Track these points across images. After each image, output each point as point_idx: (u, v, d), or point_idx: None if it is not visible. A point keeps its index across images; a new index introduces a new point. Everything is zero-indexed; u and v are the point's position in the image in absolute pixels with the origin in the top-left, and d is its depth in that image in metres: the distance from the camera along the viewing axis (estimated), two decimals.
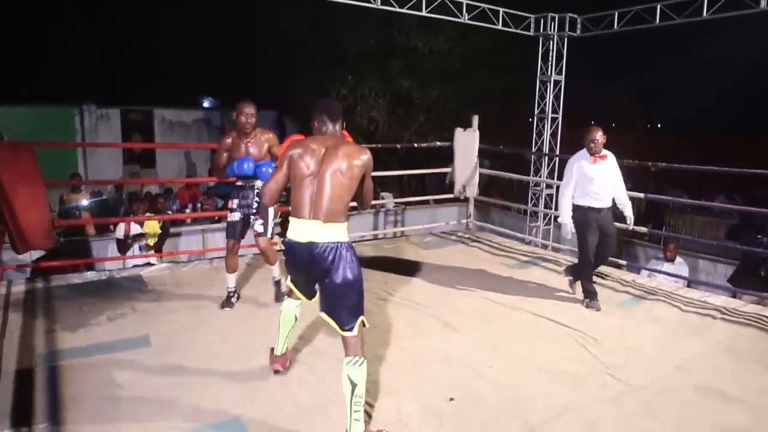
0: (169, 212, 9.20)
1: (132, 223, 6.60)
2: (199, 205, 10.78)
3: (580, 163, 4.41)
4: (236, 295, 4.26)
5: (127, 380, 3.04)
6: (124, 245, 6.53)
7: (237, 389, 2.98)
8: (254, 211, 4.05)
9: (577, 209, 4.46)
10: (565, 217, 4.52)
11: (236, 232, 4.08)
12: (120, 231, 6.61)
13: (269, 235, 4.08)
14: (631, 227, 4.65)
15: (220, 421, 2.70)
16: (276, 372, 3.13)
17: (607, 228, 4.43)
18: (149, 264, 5.93)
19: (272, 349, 3.17)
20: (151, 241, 6.70)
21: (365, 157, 2.68)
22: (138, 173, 14.44)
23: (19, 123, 12.65)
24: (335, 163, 2.60)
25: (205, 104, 18.74)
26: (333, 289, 2.60)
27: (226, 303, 4.17)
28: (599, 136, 4.34)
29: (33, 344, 3.46)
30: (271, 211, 4.01)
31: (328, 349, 3.51)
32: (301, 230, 2.61)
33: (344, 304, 2.61)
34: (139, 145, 15.62)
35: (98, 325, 3.80)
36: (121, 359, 3.29)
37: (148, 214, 6.96)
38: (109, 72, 15.93)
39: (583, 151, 4.42)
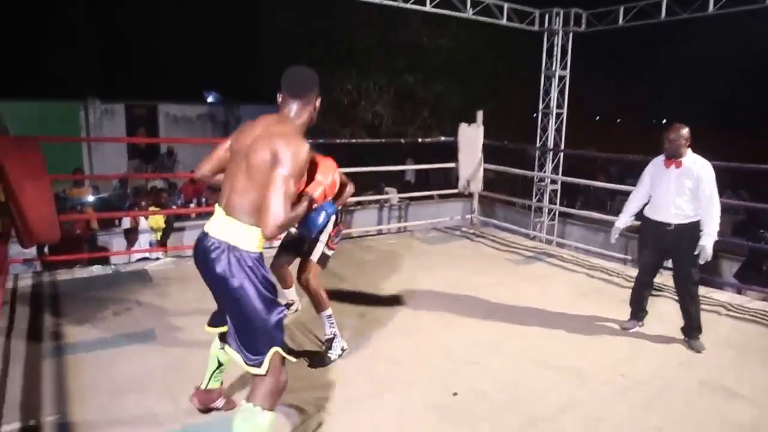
0: (174, 207, 9.21)
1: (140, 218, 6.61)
2: (203, 199, 10.79)
3: (653, 167, 3.82)
4: (288, 306, 3.83)
5: (133, 374, 3.06)
6: (131, 235, 6.53)
7: (242, 383, 2.99)
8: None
9: (641, 219, 3.94)
10: (618, 220, 4.09)
11: (291, 251, 3.59)
12: (127, 222, 6.61)
13: (315, 258, 3.33)
14: (697, 251, 3.59)
15: (224, 414, 2.71)
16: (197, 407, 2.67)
17: (675, 249, 3.72)
18: (155, 258, 5.95)
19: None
20: (156, 236, 6.73)
21: (280, 141, 1.97)
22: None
23: (24, 118, 12.67)
24: (254, 149, 2.01)
25: (210, 99, 18.74)
26: (218, 301, 2.16)
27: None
28: (675, 135, 3.58)
29: (40, 338, 3.48)
30: (327, 232, 3.33)
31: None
32: (211, 218, 2.16)
33: (238, 328, 2.07)
34: (144, 139, 15.64)
35: (104, 319, 3.82)
36: (126, 353, 3.31)
37: (152, 209, 6.98)
38: (113, 67, 15.96)
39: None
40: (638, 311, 3.98)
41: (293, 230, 3.32)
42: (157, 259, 5.68)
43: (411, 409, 2.82)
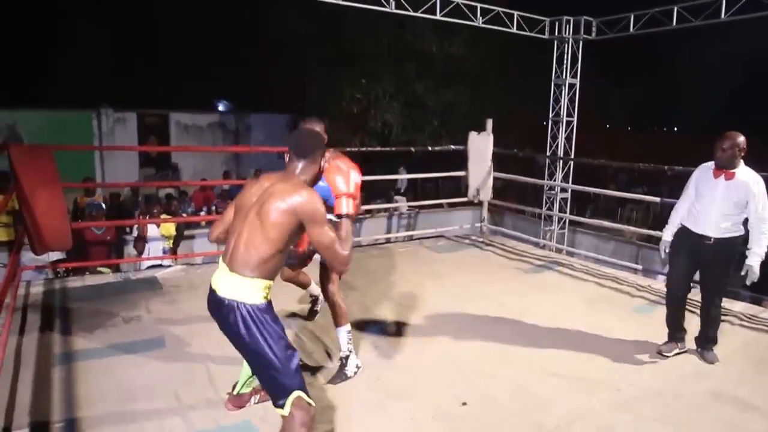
0: (184, 215, 9.27)
1: (148, 226, 6.67)
2: (213, 207, 10.85)
3: (699, 174, 3.57)
4: (315, 301, 3.97)
5: (142, 381, 3.07)
6: (140, 243, 6.58)
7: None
8: None
9: (678, 229, 3.67)
10: (665, 233, 3.76)
11: (301, 260, 3.71)
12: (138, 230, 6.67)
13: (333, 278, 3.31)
14: (744, 272, 3.44)
15: (233, 423, 2.71)
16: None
17: (710, 263, 3.49)
18: (164, 266, 5.98)
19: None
20: (167, 244, 6.77)
21: (294, 200, 2.05)
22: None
23: (38, 127, 12.88)
24: (262, 203, 2.09)
25: (220, 108, 18.91)
26: (242, 354, 2.22)
27: (311, 314, 4.00)
28: (729, 144, 3.32)
29: (50, 344, 3.50)
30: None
31: (337, 355, 3.51)
32: (216, 273, 2.22)
33: (259, 375, 2.19)
34: (155, 148, 15.79)
35: (114, 326, 3.84)
36: (136, 360, 3.32)
37: (163, 216, 7.04)
38: (125, 76, 16.15)
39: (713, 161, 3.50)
40: (676, 332, 3.66)
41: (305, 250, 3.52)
42: (168, 266, 5.72)
43: (420, 419, 2.80)
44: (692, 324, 3.74)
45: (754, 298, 5.51)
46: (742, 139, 3.33)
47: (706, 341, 3.60)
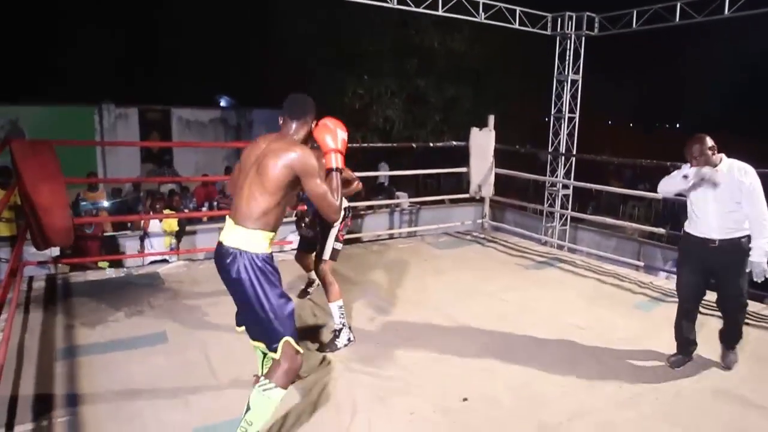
0: (186, 210, 9.29)
1: (151, 222, 6.67)
2: (215, 203, 10.87)
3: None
4: (311, 284, 4.35)
5: (144, 376, 3.08)
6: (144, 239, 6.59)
7: (250, 387, 2.99)
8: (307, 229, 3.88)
9: (682, 236, 3.55)
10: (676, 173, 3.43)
11: (308, 246, 3.97)
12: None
13: (326, 257, 3.66)
14: (749, 269, 3.28)
15: (234, 417, 2.71)
16: None
17: (720, 268, 3.32)
18: (166, 261, 6.00)
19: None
20: (169, 239, 6.77)
21: (290, 156, 2.27)
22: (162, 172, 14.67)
23: (40, 122, 12.88)
24: (260, 161, 2.31)
25: (222, 103, 18.89)
26: (236, 301, 2.40)
27: (303, 293, 4.37)
28: (698, 149, 3.24)
29: (53, 339, 3.52)
30: (334, 231, 3.67)
31: (341, 350, 3.52)
32: (224, 229, 2.41)
33: (252, 321, 2.36)
34: (157, 143, 15.78)
35: (116, 321, 3.85)
36: (138, 355, 3.33)
37: (166, 212, 7.04)
38: (127, 71, 16.14)
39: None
40: (686, 344, 3.48)
41: (310, 232, 3.86)
42: (170, 262, 5.73)
43: (420, 414, 2.81)
44: (705, 327, 3.73)
45: (754, 295, 5.51)
46: (707, 139, 3.23)
47: (729, 339, 3.47)
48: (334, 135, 2.45)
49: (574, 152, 9.74)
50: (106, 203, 9.80)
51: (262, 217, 2.30)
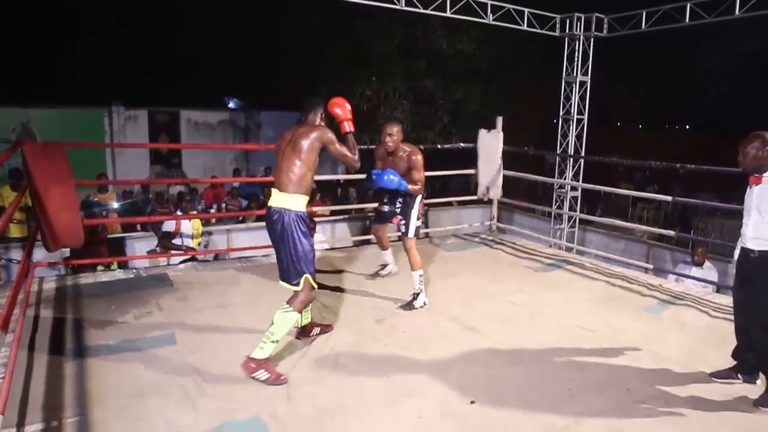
0: (194, 212, 9.33)
1: (182, 222, 6.59)
2: (223, 205, 10.92)
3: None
4: (384, 267, 5.02)
5: (153, 377, 3.10)
6: (170, 241, 6.54)
7: (259, 388, 3.01)
8: (398, 211, 4.56)
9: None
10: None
11: (382, 220, 4.78)
12: (170, 226, 6.55)
13: (411, 235, 4.44)
14: None
15: (242, 419, 2.73)
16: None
17: (752, 279, 3.13)
18: (196, 260, 6.02)
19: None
20: (196, 241, 6.76)
21: (314, 133, 3.19)
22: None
23: (51, 124, 13.02)
24: (289, 143, 3.21)
25: (230, 105, 18.97)
26: (275, 246, 3.21)
27: (375, 275, 4.97)
28: (750, 146, 3.08)
29: (63, 340, 3.54)
30: (414, 211, 4.45)
31: (348, 350, 3.53)
32: (271, 197, 3.26)
33: (283, 260, 3.18)
34: (166, 145, 15.89)
35: (125, 322, 3.87)
36: (147, 356, 3.35)
37: (177, 213, 7.05)
38: (136, 74, 16.25)
39: None
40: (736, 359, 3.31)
41: (387, 208, 4.68)
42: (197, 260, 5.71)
43: (428, 417, 2.81)
44: (716, 333, 3.71)
45: None
46: (757, 140, 3.06)
47: (747, 369, 3.22)
48: (343, 108, 3.48)
49: (583, 154, 9.70)
50: (115, 204, 9.87)
51: (299, 183, 3.15)
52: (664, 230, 7.14)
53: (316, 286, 3.21)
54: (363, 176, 4.73)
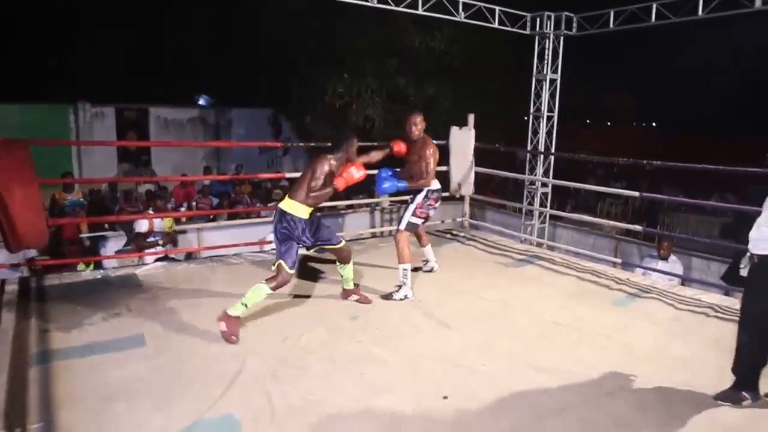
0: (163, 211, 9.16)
1: (155, 220, 6.46)
2: (194, 203, 10.76)
3: None
4: (426, 263, 5.19)
5: (121, 380, 3.04)
6: (144, 241, 6.41)
7: (231, 387, 2.98)
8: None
9: None
10: None
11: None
12: (143, 226, 6.42)
13: (402, 228, 4.64)
14: None
15: (214, 417, 2.70)
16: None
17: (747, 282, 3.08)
18: (174, 259, 5.90)
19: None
20: (170, 239, 6.63)
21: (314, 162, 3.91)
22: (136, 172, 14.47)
23: (13, 121, 12.59)
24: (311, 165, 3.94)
25: (201, 102, 18.67)
26: (276, 238, 3.84)
27: (416, 269, 4.99)
28: None
29: (27, 344, 3.45)
30: (411, 206, 4.72)
31: (321, 347, 3.52)
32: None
33: (278, 248, 3.83)
34: (134, 143, 15.57)
35: (93, 324, 3.79)
36: (115, 359, 3.28)
37: (150, 212, 6.91)
38: (104, 69, 15.85)
39: None
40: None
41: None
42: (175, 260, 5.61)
43: (400, 414, 2.81)
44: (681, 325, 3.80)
45: (726, 289, 5.63)
46: None
47: (736, 381, 3.02)
48: (351, 175, 3.92)
49: (553, 151, 9.83)
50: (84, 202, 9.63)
51: (300, 196, 3.83)
52: (632, 225, 7.28)
53: (289, 271, 3.73)
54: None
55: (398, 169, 4.88)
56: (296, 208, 3.80)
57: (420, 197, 4.68)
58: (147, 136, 14.90)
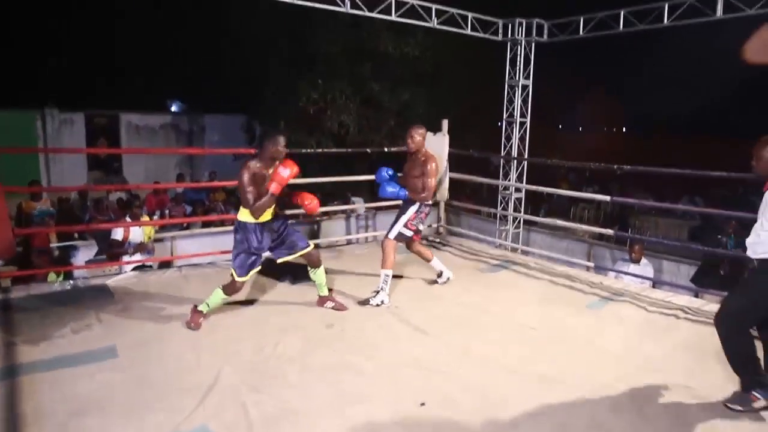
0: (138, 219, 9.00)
1: (131, 229, 6.32)
2: (167, 211, 10.59)
3: None
4: (440, 275, 5.07)
5: (93, 393, 2.97)
6: (119, 248, 6.27)
7: (206, 398, 2.93)
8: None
9: None
10: None
11: (403, 237, 4.81)
12: (119, 234, 6.27)
13: (391, 237, 4.66)
14: None
15: (189, 429, 2.65)
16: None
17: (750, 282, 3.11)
18: (151, 267, 5.78)
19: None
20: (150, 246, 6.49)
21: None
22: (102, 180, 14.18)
23: None
24: None
25: (173, 108, 18.43)
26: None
27: (432, 282, 5.09)
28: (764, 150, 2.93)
29: None
30: (404, 217, 4.71)
31: (297, 356, 3.49)
32: None
33: (233, 253, 3.96)
34: (105, 150, 15.29)
35: (62, 336, 3.69)
36: (86, 371, 3.21)
37: (127, 220, 6.77)
38: (72, 75, 15.53)
39: None
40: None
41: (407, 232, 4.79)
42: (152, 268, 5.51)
43: (378, 421, 2.81)
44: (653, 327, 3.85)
45: (695, 291, 5.75)
46: None
47: (741, 383, 3.01)
48: (285, 172, 3.77)
49: (526, 156, 9.95)
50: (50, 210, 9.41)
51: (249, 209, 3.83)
52: (604, 229, 7.41)
53: (239, 279, 3.88)
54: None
55: (399, 174, 4.95)
56: (249, 217, 3.85)
57: (413, 209, 4.67)
58: (118, 143, 14.65)
